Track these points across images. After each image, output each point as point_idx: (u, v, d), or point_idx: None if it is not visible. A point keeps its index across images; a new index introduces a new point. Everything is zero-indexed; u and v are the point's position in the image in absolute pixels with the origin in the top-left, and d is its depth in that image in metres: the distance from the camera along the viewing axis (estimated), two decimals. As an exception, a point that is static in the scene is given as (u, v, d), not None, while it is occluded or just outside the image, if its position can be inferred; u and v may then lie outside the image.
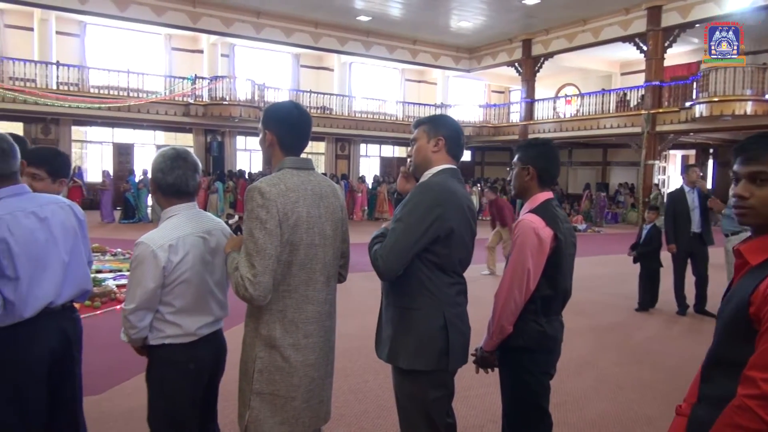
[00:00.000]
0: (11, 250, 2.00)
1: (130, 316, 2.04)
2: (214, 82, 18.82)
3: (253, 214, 1.89)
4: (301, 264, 1.98)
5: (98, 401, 3.76)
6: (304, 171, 2.06)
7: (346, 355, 4.43)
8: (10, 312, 2.02)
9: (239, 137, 21.30)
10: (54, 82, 17.25)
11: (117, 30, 19.36)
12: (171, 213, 2.16)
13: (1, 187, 2.08)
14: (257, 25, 19.54)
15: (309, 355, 2.02)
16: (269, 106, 2.13)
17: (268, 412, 1.99)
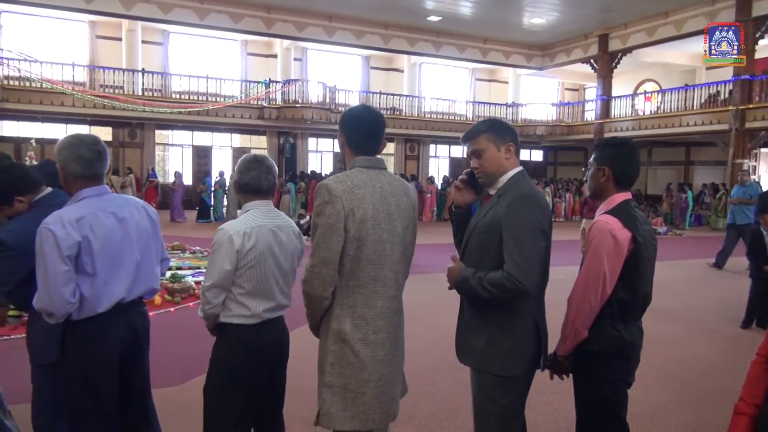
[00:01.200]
0: (92, 248, 2.13)
1: (207, 292, 2.26)
2: (287, 85, 19.33)
3: (319, 209, 2.02)
4: (369, 260, 2.03)
5: (180, 391, 3.93)
6: (374, 170, 2.12)
7: (414, 355, 4.41)
8: (84, 306, 2.14)
9: (311, 139, 21.76)
10: (140, 89, 18.25)
11: (197, 38, 20.24)
12: (248, 207, 2.40)
13: (87, 187, 2.23)
14: (329, 28, 19.89)
15: (378, 350, 2.06)
16: (346, 110, 2.25)
17: (339, 405, 2.05)
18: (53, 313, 2.09)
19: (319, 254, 2.00)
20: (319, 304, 2.06)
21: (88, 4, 16.75)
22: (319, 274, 2.00)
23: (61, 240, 2.05)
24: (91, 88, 17.53)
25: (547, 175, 25.72)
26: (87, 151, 2.22)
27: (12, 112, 16.75)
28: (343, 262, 2.02)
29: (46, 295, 2.06)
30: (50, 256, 2.04)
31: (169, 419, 3.26)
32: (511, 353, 2.09)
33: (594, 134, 20.97)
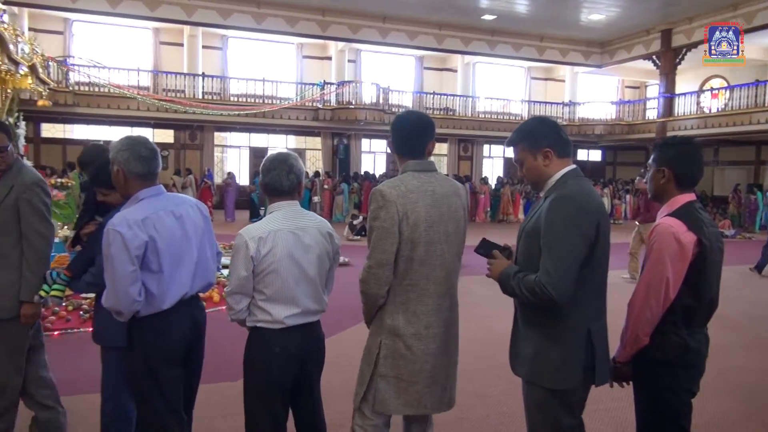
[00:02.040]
0: (157, 247, 2.18)
1: (229, 298, 2.26)
2: (341, 87, 19.54)
3: (375, 213, 2.14)
4: (422, 260, 2.16)
5: (237, 386, 4.03)
6: (426, 173, 2.23)
7: (468, 358, 4.38)
8: (150, 304, 2.21)
9: (364, 140, 21.91)
10: (200, 92, 18.87)
11: (254, 42, 20.74)
12: (272, 209, 2.32)
13: (145, 187, 2.28)
14: (382, 29, 19.97)
15: (430, 344, 2.20)
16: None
17: (393, 393, 2.21)
18: (122, 311, 2.17)
19: (375, 256, 2.14)
20: (375, 301, 2.21)
21: (153, 12, 17.43)
22: (376, 275, 2.15)
23: (129, 241, 2.09)
24: (155, 92, 18.26)
25: (606, 175, 24.97)
26: (145, 150, 2.28)
27: (82, 116, 17.65)
28: (397, 262, 2.16)
29: (115, 295, 2.13)
30: (118, 257, 2.09)
31: (217, 415, 3.34)
32: (560, 366, 1.99)
33: (656, 133, 20.19)
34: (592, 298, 2.04)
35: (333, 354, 4.69)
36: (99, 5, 16.78)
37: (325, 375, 4.11)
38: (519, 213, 19.01)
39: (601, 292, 2.10)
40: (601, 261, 2.03)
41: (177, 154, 19.62)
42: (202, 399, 3.76)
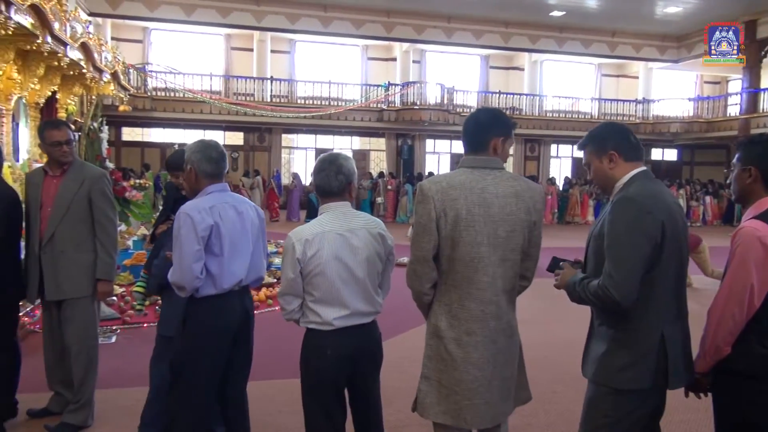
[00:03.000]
0: (220, 232, 2.43)
1: (280, 299, 2.34)
2: (406, 87, 19.59)
3: (415, 209, 2.11)
4: (463, 261, 2.05)
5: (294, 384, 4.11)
6: (481, 170, 2.09)
7: (533, 364, 4.26)
8: (213, 283, 2.43)
9: (428, 140, 21.86)
10: (268, 95, 19.40)
11: (321, 45, 21.13)
12: (323, 210, 2.34)
13: (213, 183, 2.55)
14: (447, 29, 19.85)
15: (471, 352, 2.05)
16: None
17: (434, 398, 2.11)
18: (184, 286, 2.38)
19: (414, 252, 2.12)
20: (420, 298, 2.18)
21: (224, 19, 18.08)
22: (415, 271, 2.12)
23: (198, 223, 2.36)
24: (226, 96, 18.94)
25: (683, 175, 23.78)
26: (215, 153, 2.55)
27: (159, 120, 18.55)
28: (440, 261, 2.09)
29: (180, 270, 2.36)
30: (187, 237, 2.35)
31: (286, 411, 3.41)
32: (627, 366, 1.96)
33: (738, 131, 19.03)
34: (665, 301, 1.99)
35: (396, 355, 4.72)
36: (175, 14, 17.58)
37: (388, 375, 4.13)
38: (587, 214, 18.39)
39: (676, 294, 2.03)
40: (672, 263, 1.97)
41: (246, 155, 20.26)
42: (270, 394, 3.87)
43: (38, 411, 3.39)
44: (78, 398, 3.24)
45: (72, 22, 7.75)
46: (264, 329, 5.50)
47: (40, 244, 3.15)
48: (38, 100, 8.92)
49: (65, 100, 9.68)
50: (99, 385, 3.41)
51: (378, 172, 18.69)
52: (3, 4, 5.64)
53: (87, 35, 8.41)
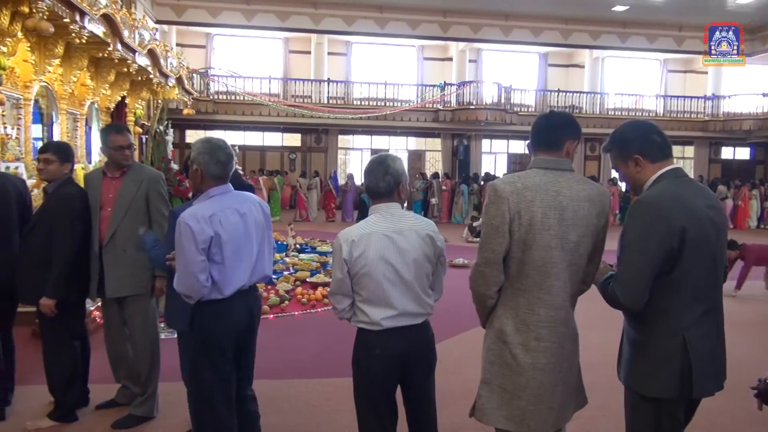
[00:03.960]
0: (221, 241, 2.40)
1: (331, 297, 2.35)
2: (462, 87, 19.44)
3: (486, 209, 2.02)
4: (535, 265, 1.98)
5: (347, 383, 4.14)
6: (554, 171, 2.03)
7: (592, 369, 4.15)
8: (215, 289, 2.44)
9: (485, 140, 21.60)
10: (325, 97, 19.67)
11: (377, 46, 21.27)
12: (372, 211, 2.34)
13: (216, 185, 2.50)
14: (505, 28, 19.56)
15: (539, 358, 2.00)
16: None
17: (495, 403, 2.05)
18: (191, 295, 2.41)
19: (482, 254, 2.02)
20: (484, 301, 2.10)
21: (283, 23, 18.47)
22: (483, 273, 2.03)
23: (197, 234, 2.33)
24: (284, 98, 19.34)
25: (756, 175, 22.52)
26: (223, 155, 2.51)
27: (220, 123, 19.14)
28: (508, 264, 2.01)
29: (186, 280, 2.38)
30: (188, 248, 2.34)
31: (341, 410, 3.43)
32: (651, 373, 1.97)
33: (818, 127, 17.90)
34: (687, 306, 1.95)
35: (452, 356, 4.69)
36: (236, 19, 18.09)
37: (444, 378, 4.10)
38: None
39: (699, 299, 1.96)
40: (696, 266, 1.93)
41: (303, 157, 20.62)
42: (327, 392, 3.91)
43: (106, 402, 3.57)
44: (144, 391, 3.39)
45: (140, 29, 8.11)
46: (320, 327, 5.59)
47: (100, 243, 3.31)
48: (109, 105, 9.36)
49: (134, 104, 10.13)
50: (163, 378, 3.55)
51: (432, 173, 18.62)
52: (78, 14, 5.96)
53: (154, 42, 8.77)
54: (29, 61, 6.87)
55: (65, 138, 8.05)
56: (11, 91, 6.72)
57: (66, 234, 3.20)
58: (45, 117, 8.01)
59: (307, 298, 6.42)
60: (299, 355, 4.74)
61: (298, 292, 6.62)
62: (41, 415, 3.36)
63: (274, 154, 20.77)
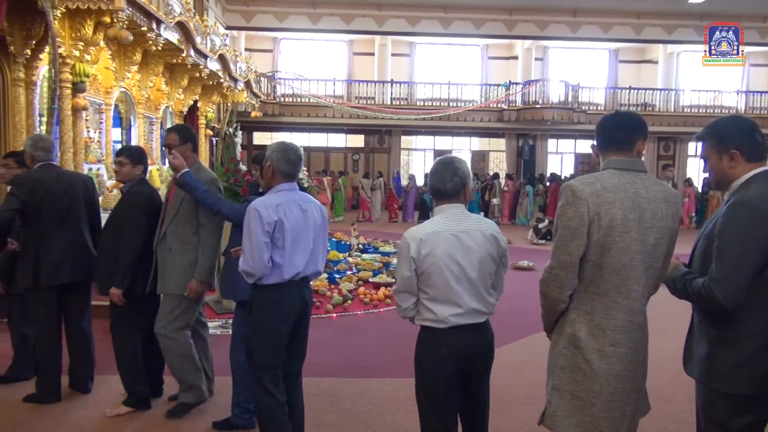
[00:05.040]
0: (284, 227, 2.67)
1: (396, 296, 2.38)
2: (528, 86, 19.07)
3: (562, 211, 1.96)
4: (613, 268, 1.93)
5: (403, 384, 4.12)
6: (630, 172, 2.00)
7: (664, 376, 3.97)
8: (276, 272, 2.69)
9: (551, 140, 21.10)
10: (389, 98, 19.80)
11: (440, 46, 21.18)
12: (437, 211, 2.37)
13: (285, 182, 2.79)
14: (573, 24, 19.04)
15: (615, 364, 1.96)
16: None
17: (565, 410, 2.00)
18: (254, 273, 2.65)
19: (557, 257, 1.97)
20: (555, 306, 2.04)
21: (348, 25, 18.73)
22: (557, 277, 1.98)
23: (264, 218, 2.62)
24: (348, 100, 19.58)
25: None
26: (293, 155, 2.78)
27: (286, 125, 19.60)
28: (583, 267, 1.96)
29: (251, 259, 2.63)
30: (256, 230, 2.61)
31: (403, 410, 3.43)
32: (733, 370, 1.91)
33: None
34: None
35: (515, 360, 4.61)
36: (302, 23, 18.50)
37: (506, 382, 4.04)
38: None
39: None
40: None
41: (366, 157, 20.81)
42: (389, 392, 3.92)
43: (176, 394, 3.71)
44: (181, 383, 3.50)
45: (211, 35, 8.41)
46: (382, 327, 5.61)
47: (157, 241, 3.48)
48: (182, 109, 9.76)
49: (205, 107, 10.53)
50: (223, 372, 3.62)
51: (493, 173, 18.37)
52: (154, 23, 6.25)
53: (224, 47, 9.07)
54: (110, 68, 7.27)
55: (142, 141, 8.46)
56: (94, 97, 7.12)
57: (132, 229, 3.43)
58: (124, 121, 8.44)
59: (369, 298, 6.47)
60: (361, 354, 4.78)
61: (360, 292, 6.68)
62: (118, 402, 3.57)
63: (337, 155, 21.07)
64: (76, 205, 3.64)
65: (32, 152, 3.64)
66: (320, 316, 5.88)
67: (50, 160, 3.72)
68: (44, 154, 3.66)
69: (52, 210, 3.54)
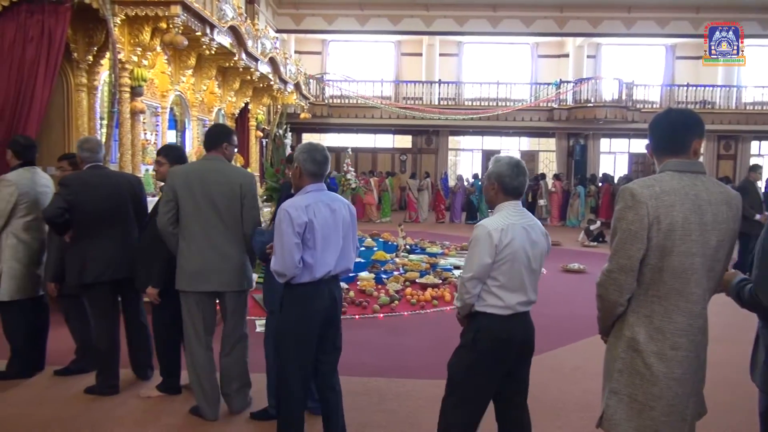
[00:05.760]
0: (314, 228, 2.71)
1: (467, 283, 2.47)
2: (579, 84, 18.64)
3: (621, 214, 1.94)
4: (674, 272, 1.91)
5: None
6: (690, 174, 1.96)
7: (724, 385, 3.80)
8: (308, 271, 2.73)
9: (603, 139, 20.53)
10: (436, 99, 19.72)
11: (488, 45, 20.99)
12: (499, 208, 2.55)
13: (313, 183, 2.83)
14: (627, 20, 18.46)
15: (675, 368, 1.94)
16: None
17: (624, 414, 1.99)
18: (285, 273, 2.70)
19: (617, 260, 1.96)
20: (613, 309, 2.03)
21: (396, 26, 18.75)
22: (616, 281, 1.96)
23: (295, 219, 2.66)
24: (396, 101, 19.61)
25: None
26: (320, 155, 2.83)
27: (334, 126, 19.80)
28: (642, 270, 1.95)
29: (282, 260, 2.68)
30: (286, 231, 2.66)
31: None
32: None
33: None
34: None
35: (568, 365, 4.50)
36: (350, 25, 18.64)
37: (558, 386, 3.95)
38: None
39: None
40: None
41: (414, 158, 20.78)
42: (435, 394, 3.90)
43: None
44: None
45: (262, 39, 8.58)
46: (429, 328, 5.59)
47: None
48: (234, 111, 10.00)
49: (255, 110, 10.75)
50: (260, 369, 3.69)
51: (539, 173, 18.02)
52: (208, 28, 6.43)
53: (275, 50, 9.23)
54: (166, 72, 7.51)
55: (195, 142, 8.70)
56: (151, 101, 7.38)
57: None
58: (179, 123, 8.70)
59: (416, 299, 6.45)
60: (408, 355, 4.77)
61: (407, 293, 6.67)
62: (152, 386, 3.82)
63: (385, 155, 21.13)
64: (122, 204, 3.77)
65: (79, 153, 3.79)
66: (367, 315, 5.91)
67: (97, 161, 3.82)
68: (90, 154, 3.77)
69: (98, 210, 3.66)
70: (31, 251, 3.96)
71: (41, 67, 5.24)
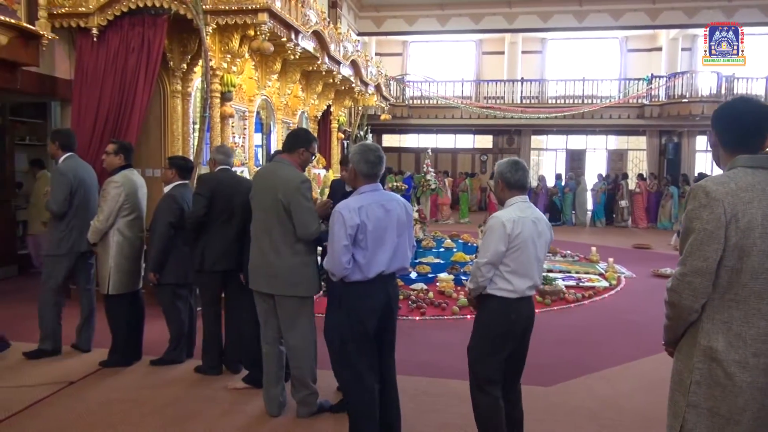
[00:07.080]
0: (366, 229, 2.80)
1: (483, 267, 2.78)
2: (673, 79, 17.61)
3: (694, 213, 1.84)
4: (754, 273, 1.79)
5: (546, 393, 3.99)
6: (763, 170, 1.83)
7: None
8: (359, 271, 2.82)
9: (699, 137, 19.29)
10: (518, 97, 19.34)
11: (573, 41, 20.34)
12: (510, 202, 2.89)
13: (367, 183, 2.90)
14: (727, 9, 17.15)
15: (759, 377, 1.80)
16: (719, 105, 2.01)
17: (704, 429, 1.86)
18: (335, 273, 2.82)
19: (692, 263, 1.83)
20: (687, 316, 1.90)
21: (477, 25, 18.54)
22: (691, 284, 1.84)
23: (347, 220, 2.75)
24: (476, 100, 19.39)
25: None
26: (373, 156, 2.89)
27: (414, 127, 19.88)
28: (719, 273, 1.82)
29: (332, 259, 2.80)
30: (338, 232, 2.76)
31: (530, 419, 3.33)
32: None
33: None
34: None
35: (656, 375, 4.26)
36: (431, 25, 18.62)
37: (648, 398, 3.75)
38: None
39: None
40: None
41: (495, 158, 20.43)
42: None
43: None
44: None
45: (344, 42, 8.74)
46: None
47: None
48: (316, 114, 10.25)
49: (337, 112, 10.97)
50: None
51: (621, 173, 17.20)
52: (293, 33, 6.63)
53: (356, 53, 9.38)
54: (253, 78, 7.83)
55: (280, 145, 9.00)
56: (239, 105, 7.71)
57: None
58: (264, 126, 9.03)
59: (496, 302, 6.35)
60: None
61: (487, 295, 6.58)
62: (239, 379, 4.03)
63: (465, 155, 20.95)
64: (242, 205, 3.96)
65: (215, 156, 4.24)
66: (445, 317, 5.89)
67: (229, 165, 4.25)
68: (224, 158, 4.21)
69: (223, 207, 4.01)
70: (134, 248, 4.35)
71: (141, 76, 5.64)
